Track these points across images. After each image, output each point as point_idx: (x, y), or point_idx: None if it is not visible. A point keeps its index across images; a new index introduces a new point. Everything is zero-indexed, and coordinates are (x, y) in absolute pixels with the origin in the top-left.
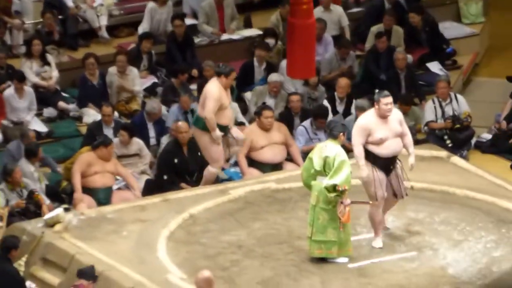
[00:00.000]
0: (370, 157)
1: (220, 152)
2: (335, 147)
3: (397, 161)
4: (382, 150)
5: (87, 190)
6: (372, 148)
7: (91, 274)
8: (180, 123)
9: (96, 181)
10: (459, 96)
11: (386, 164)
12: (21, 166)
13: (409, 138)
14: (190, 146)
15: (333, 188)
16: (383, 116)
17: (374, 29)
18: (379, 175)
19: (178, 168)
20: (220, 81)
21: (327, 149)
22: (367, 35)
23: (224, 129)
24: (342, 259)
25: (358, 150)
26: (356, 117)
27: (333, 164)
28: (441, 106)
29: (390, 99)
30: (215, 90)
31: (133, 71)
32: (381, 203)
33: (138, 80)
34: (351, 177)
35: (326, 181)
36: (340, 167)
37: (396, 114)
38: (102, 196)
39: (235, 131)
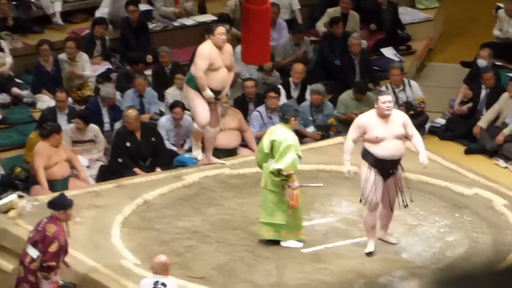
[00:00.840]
0: (368, 156)
1: (205, 109)
2: (285, 131)
3: (400, 169)
4: (379, 151)
5: (49, 182)
6: (369, 147)
7: (61, 203)
8: (129, 111)
9: (55, 173)
10: (412, 82)
11: (384, 166)
12: None
13: (417, 138)
14: (143, 131)
15: (278, 172)
16: (383, 116)
17: (331, 11)
18: (375, 177)
19: (131, 152)
20: (212, 41)
21: (277, 132)
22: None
23: (214, 93)
24: (296, 244)
25: (348, 144)
26: (311, 102)
27: (279, 148)
28: (394, 92)
29: (388, 97)
30: (204, 48)
31: (82, 57)
32: (373, 208)
33: (88, 65)
34: (297, 162)
35: (272, 165)
36: (286, 152)
37: (399, 116)
38: (61, 187)
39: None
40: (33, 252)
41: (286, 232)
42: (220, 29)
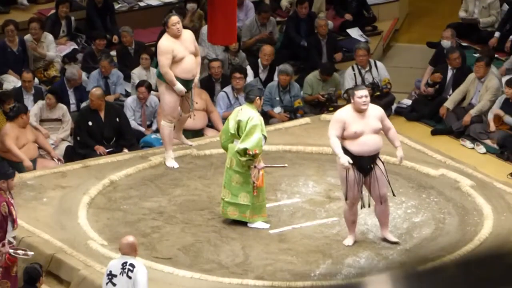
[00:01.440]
0: (346, 154)
1: (173, 105)
2: (250, 111)
3: (380, 163)
4: (357, 147)
5: (13, 164)
6: (348, 145)
7: (1, 172)
8: (93, 89)
9: (25, 154)
10: (378, 63)
11: (363, 162)
12: None
13: (393, 132)
14: (107, 111)
15: (244, 152)
16: (359, 110)
17: None
18: (355, 174)
19: (93, 131)
20: (168, 33)
21: (242, 112)
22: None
23: (186, 83)
24: (263, 225)
25: (333, 141)
26: (278, 83)
27: (245, 128)
28: (360, 73)
29: (365, 92)
30: (161, 43)
31: (48, 37)
32: (353, 204)
33: (52, 46)
34: (263, 141)
35: (238, 145)
36: (252, 132)
37: (375, 110)
38: (25, 169)
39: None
40: None
41: (251, 213)
42: (173, 20)
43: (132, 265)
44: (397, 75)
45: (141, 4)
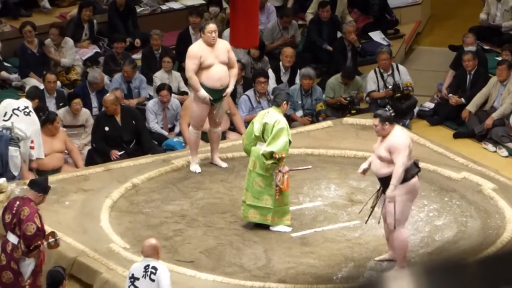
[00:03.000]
0: None
1: (200, 113)
2: (277, 115)
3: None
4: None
5: (37, 173)
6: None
7: (44, 185)
8: (107, 95)
9: (46, 164)
10: (400, 66)
11: (379, 182)
12: None
13: (394, 170)
14: (123, 114)
15: (270, 155)
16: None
17: None
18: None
19: (110, 136)
20: (202, 39)
21: (269, 115)
22: (308, 5)
23: (213, 92)
24: (285, 228)
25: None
26: (301, 86)
27: (271, 131)
28: (382, 76)
29: (376, 120)
30: (192, 48)
31: (68, 43)
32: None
33: (71, 52)
34: (289, 145)
35: (264, 148)
36: (278, 135)
37: (389, 141)
38: None
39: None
40: (14, 238)
41: (272, 216)
42: (210, 27)
43: (154, 267)
44: (419, 78)
45: (163, 7)
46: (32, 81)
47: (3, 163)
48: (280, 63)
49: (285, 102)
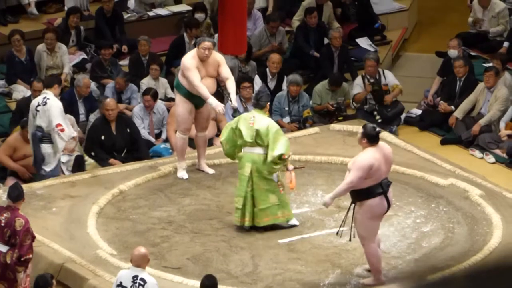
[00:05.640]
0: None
1: (185, 116)
2: (264, 118)
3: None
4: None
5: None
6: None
7: (21, 193)
8: (108, 99)
9: (28, 167)
10: (386, 71)
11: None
12: None
13: (344, 182)
14: (118, 123)
15: (279, 158)
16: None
17: (306, 3)
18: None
19: (105, 144)
20: (197, 51)
21: (256, 120)
22: (295, 11)
23: (198, 99)
24: (295, 221)
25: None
26: (288, 92)
27: (267, 136)
28: (370, 82)
29: (359, 132)
30: (186, 60)
31: (62, 48)
32: None
33: (66, 57)
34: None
35: (271, 154)
36: (278, 138)
37: (357, 156)
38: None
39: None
40: (3, 248)
41: (282, 212)
42: (205, 44)
43: (143, 280)
44: (406, 85)
45: (150, 14)
46: (20, 88)
47: (38, 161)
48: (267, 69)
49: (268, 103)
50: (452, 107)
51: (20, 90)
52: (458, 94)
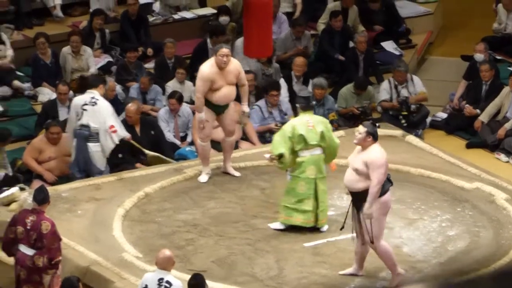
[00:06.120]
0: None
1: (200, 121)
2: (320, 118)
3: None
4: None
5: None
6: None
7: (47, 196)
8: (129, 105)
9: (53, 169)
10: (415, 77)
11: (351, 196)
12: None
13: (371, 185)
14: (142, 125)
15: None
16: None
17: (331, 6)
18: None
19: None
20: (215, 59)
21: (316, 123)
22: (319, 15)
23: (218, 108)
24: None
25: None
26: (313, 96)
27: (326, 135)
28: (396, 88)
29: (362, 128)
30: (203, 69)
31: (87, 51)
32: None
33: (92, 60)
34: None
35: (336, 148)
36: (332, 133)
37: (368, 154)
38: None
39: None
40: (29, 251)
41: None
42: (223, 51)
43: (169, 282)
44: (431, 88)
45: (175, 16)
46: (45, 91)
47: (85, 160)
48: (292, 72)
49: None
50: (478, 111)
51: (46, 93)
52: (484, 98)
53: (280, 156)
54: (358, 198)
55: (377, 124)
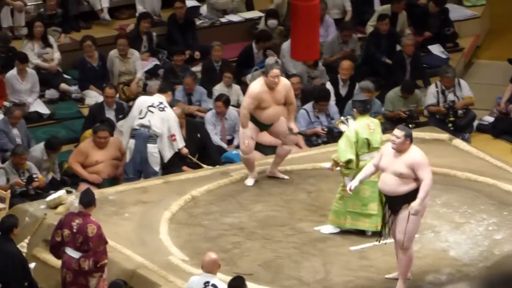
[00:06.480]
0: None
1: (244, 137)
2: (376, 121)
3: (406, 210)
4: (379, 182)
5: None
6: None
7: (93, 198)
8: (173, 108)
9: (100, 172)
10: (462, 81)
11: (387, 199)
12: (34, 153)
13: (423, 185)
14: (188, 128)
15: None
16: (393, 148)
17: (380, 9)
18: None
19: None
20: (265, 80)
21: (376, 126)
22: (367, 18)
23: (264, 126)
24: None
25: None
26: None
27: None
28: (443, 93)
29: (399, 132)
30: (253, 88)
31: (134, 54)
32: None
33: (139, 63)
34: None
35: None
36: None
37: (411, 156)
38: (108, 187)
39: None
40: (75, 254)
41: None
42: (274, 72)
43: (214, 285)
44: (478, 92)
45: (223, 20)
46: (92, 94)
47: (142, 161)
48: (339, 76)
49: None
50: None
51: (93, 96)
52: None
53: (348, 162)
54: (399, 201)
55: (410, 126)
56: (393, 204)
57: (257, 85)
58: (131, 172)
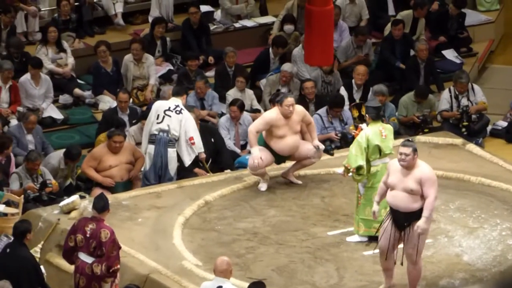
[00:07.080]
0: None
1: (254, 156)
2: (389, 127)
3: (416, 226)
4: (389, 198)
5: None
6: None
7: (107, 204)
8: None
9: (113, 176)
10: (475, 86)
11: (396, 217)
12: (51, 160)
13: (427, 202)
14: (202, 132)
15: None
16: (401, 166)
17: (403, 14)
18: (388, 224)
19: None
20: (279, 109)
21: (388, 132)
22: (383, 24)
23: (279, 157)
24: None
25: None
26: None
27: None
28: (457, 98)
29: (407, 150)
30: (269, 113)
31: (149, 59)
32: (381, 253)
33: (153, 68)
34: None
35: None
36: None
37: (421, 172)
38: (122, 190)
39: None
40: (88, 259)
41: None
42: (288, 101)
43: None
44: (492, 97)
45: (237, 25)
46: (106, 99)
47: (162, 166)
48: (353, 80)
49: None
50: None
51: (106, 101)
52: None
53: (359, 168)
54: (412, 218)
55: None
56: (404, 219)
57: (272, 112)
58: (152, 178)
